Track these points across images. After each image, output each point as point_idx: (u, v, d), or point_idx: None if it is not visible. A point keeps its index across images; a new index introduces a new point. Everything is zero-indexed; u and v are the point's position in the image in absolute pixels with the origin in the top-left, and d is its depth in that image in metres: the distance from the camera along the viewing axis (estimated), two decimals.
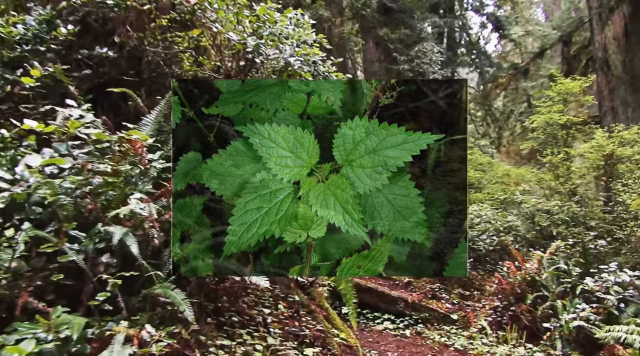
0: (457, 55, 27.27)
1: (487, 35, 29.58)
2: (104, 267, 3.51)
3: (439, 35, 25.04)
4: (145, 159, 4.07)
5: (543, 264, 8.22)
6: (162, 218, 3.90)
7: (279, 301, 5.87)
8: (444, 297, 9.04)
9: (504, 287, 8.31)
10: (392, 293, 9.10)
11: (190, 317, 3.24)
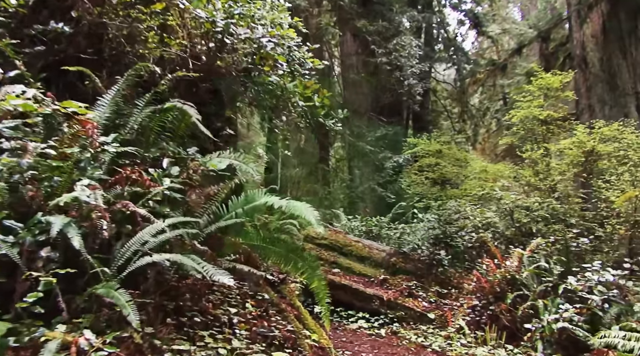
0: (435, 51, 27.15)
1: (465, 32, 29.43)
2: (43, 262, 3.07)
3: (417, 30, 24.78)
4: (97, 142, 3.63)
5: (523, 262, 7.94)
6: (113, 208, 3.47)
7: (247, 300, 5.46)
8: (420, 295, 8.72)
9: (483, 286, 8.02)
10: (367, 290, 8.76)
11: (134, 322, 2.82)
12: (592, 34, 16.35)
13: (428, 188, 14.81)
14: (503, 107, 26.13)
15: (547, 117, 11.62)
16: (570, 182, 10.41)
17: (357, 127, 19.47)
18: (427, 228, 9.75)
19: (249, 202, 4.72)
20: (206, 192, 4.92)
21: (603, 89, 15.68)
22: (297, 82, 6.04)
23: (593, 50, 16.26)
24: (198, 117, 4.45)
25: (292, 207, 4.24)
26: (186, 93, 6.63)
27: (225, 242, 4.31)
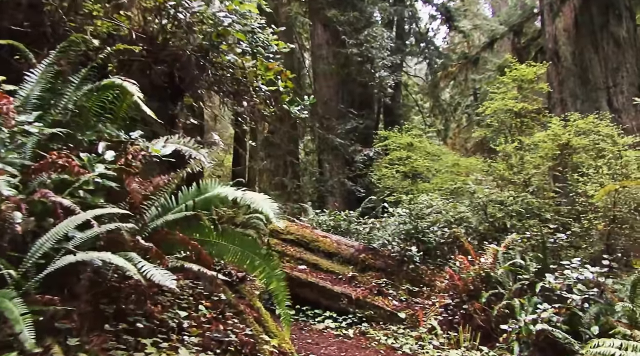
0: (406, 45, 26.95)
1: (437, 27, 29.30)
2: None
3: (388, 23, 24.51)
4: (12, 120, 3.08)
5: (498, 259, 7.58)
6: (32, 198, 2.93)
7: (201, 301, 4.94)
8: (390, 293, 8.29)
9: (456, 283, 7.63)
10: (334, 288, 8.31)
11: (27, 342, 2.27)
12: (564, 27, 16.16)
13: (399, 182, 14.45)
14: (474, 103, 26.14)
15: (521, 110, 11.32)
16: (544, 175, 10.10)
17: (327, 120, 19.01)
18: (398, 223, 9.32)
19: (201, 194, 4.21)
20: (155, 182, 4.39)
21: (575, 83, 15.51)
22: (258, 62, 5.51)
23: (565, 44, 16.07)
24: (139, 95, 3.92)
25: (248, 199, 3.75)
26: (139, 76, 6.07)
27: (174, 238, 3.79)
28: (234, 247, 4.09)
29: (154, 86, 6.23)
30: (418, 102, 30.68)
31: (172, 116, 6.30)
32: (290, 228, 9.36)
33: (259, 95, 5.88)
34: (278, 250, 9.02)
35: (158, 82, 6.19)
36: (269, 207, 3.70)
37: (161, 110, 6.30)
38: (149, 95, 6.19)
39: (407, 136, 15.30)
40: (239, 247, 4.08)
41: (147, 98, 6.16)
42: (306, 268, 8.70)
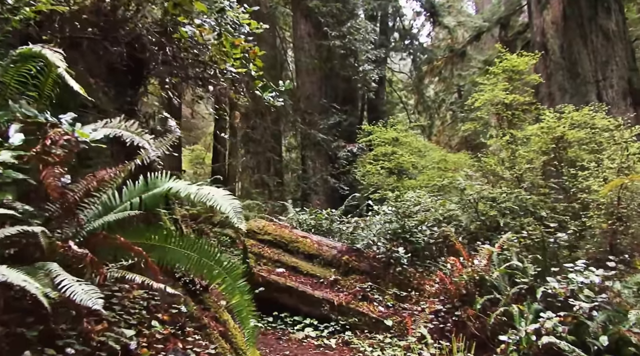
0: (390, 40, 26.56)
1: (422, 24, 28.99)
2: None
3: (372, 18, 23.98)
4: None
5: (493, 260, 6.96)
6: None
7: (158, 314, 4.23)
8: (376, 299, 7.63)
9: (448, 288, 7.01)
10: (315, 293, 7.65)
11: None
12: (552, 20, 15.73)
13: (384, 179, 13.84)
14: (458, 100, 25.83)
15: (512, 101, 10.73)
16: (539, 171, 9.50)
17: (309, 115, 18.34)
18: (384, 222, 8.67)
19: (149, 189, 3.52)
20: (100, 175, 3.70)
21: (564, 77, 15.11)
22: (223, 39, 4.80)
23: (553, 37, 15.65)
24: (64, 66, 3.20)
25: (203, 195, 3.08)
26: (92, 58, 5.36)
27: (114, 242, 3.11)
28: (189, 253, 3.40)
29: (110, 70, 5.51)
30: (402, 99, 30.24)
31: (131, 103, 5.58)
32: (267, 228, 8.69)
33: (226, 78, 5.18)
34: (255, 251, 8.35)
35: (115, 66, 5.47)
36: (229, 205, 3.03)
37: (119, 96, 5.60)
38: (104, 80, 5.50)
39: (392, 131, 14.69)
40: (195, 254, 3.39)
41: (103, 83, 5.46)
42: (285, 272, 8.04)
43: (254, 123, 17.27)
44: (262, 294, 7.81)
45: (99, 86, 5.16)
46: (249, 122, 17.37)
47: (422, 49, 27.12)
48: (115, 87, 5.40)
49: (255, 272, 7.94)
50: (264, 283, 7.83)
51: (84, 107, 4.82)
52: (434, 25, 28.14)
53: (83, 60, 5.07)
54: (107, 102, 5.15)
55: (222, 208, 3.02)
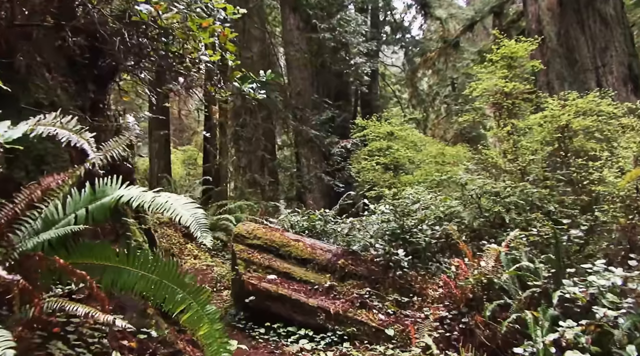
0: (382, 34, 26.21)
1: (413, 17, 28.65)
2: None
3: (362, 11, 23.50)
4: None
5: (501, 261, 6.39)
6: None
7: (123, 341, 3.64)
8: (375, 306, 7.03)
9: (453, 292, 6.44)
10: (309, 301, 7.07)
11: None
12: (547, 6, 15.27)
13: (380, 175, 13.28)
14: (452, 93, 25.51)
15: (512, 89, 10.17)
16: (544, 162, 8.94)
17: (301, 111, 17.77)
18: (381, 222, 8.09)
19: (97, 198, 2.96)
20: (46, 183, 3.12)
21: (561, 65, 14.65)
22: (189, 21, 4.19)
23: (549, 23, 15.18)
24: None
25: (160, 204, 2.53)
26: (49, 50, 4.77)
27: (52, 265, 2.54)
28: (147, 274, 2.83)
29: (71, 63, 4.93)
30: (396, 93, 29.83)
31: (96, 101, 4.99)
32: (257, 232, 8.09)
33: (198, 68, 4.60)
34: (244, 257, 7.77)
35: (76, 59, 4.88)
36: (191, 215, 2.49)
37: (82, 93, 5.02)
38: (64, 75, 4.91)
39: (386, 125, 14.12)
40: (154, 275, 2.81)
41: (62, 78, 4.87)
42: (276, 278, 7.46)
43: (244, 121, 16.67)
44: (253, 303, 7.29)
45: (57, 81, 4.58)
46: (238, 119, 16.79)
47: (414, 41, 26.78)
48: (76, 82, 4.82)
49: (245, 280, 7.37)
50: (254, 291, 7.27)
51: (38, 105, 4.25)
52: (425, 17, 27.86)
53: (38, 53, 4.49)
54: (66, 99, 4.57)
55: (182, 219, 2.48)
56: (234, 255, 7.90)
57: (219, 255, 12.01)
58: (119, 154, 3.33)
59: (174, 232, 12.56)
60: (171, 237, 12.16)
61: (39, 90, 4.28)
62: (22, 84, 4.10)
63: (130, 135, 3.52)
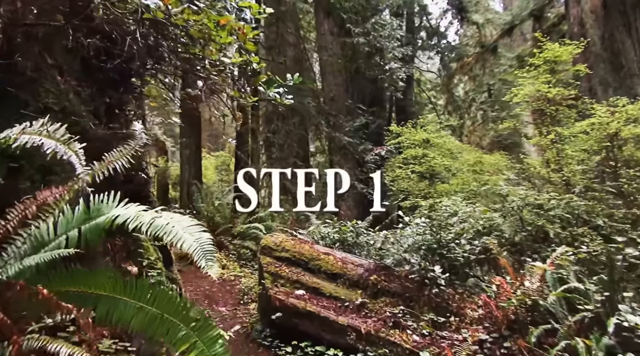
0: (417, 39, 25.85)
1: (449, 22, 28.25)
2: None
3: (397, 15, 23.08)
4: None
5: (547, 280, 5.89)
6: None
7: None
8: (409, 326, 6.58)
9: (494, 313, 5.98)
10: (339, 319, 6.66)
11: None
12: (591, 9, 14.65)
13: (415, 184, 12.78)
14: (488, 99, 24.98)
15: (556, 95, 9.62)
16: (592, 173, 8.38)
17: (334, 117, 17.39)
18: (416, 235, 7.64)
19: (91, 218, 2.60)
20: (42, 197, 2.80)
21: (605, 70, 14.04)
22: (203, 16, 3.81)
23: (593, 26, 14.56)
24: None
25: (160, 226, 2.18)
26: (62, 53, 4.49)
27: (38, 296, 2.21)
28: (145, 306, 2.47)
29: (85, 66, 4.64)
30: (431, 99, 29.35)
31: (112, 106, 4.69)
32: (285, 244, 7.74)
33: (219, 69, 4.25)
34: (271, 271, 7.41)
35: (91, 61, 4.59)
36: (194, 240, 2.15)
37: (97, 97, 4.73)
38: (77, 79, 4.63)
39: (422, 132, 13.63)
40: (154, 308, 2.45)
41: (76, 82, 4.59)
42: (305, 294, 7.08)
43: (275, 127, 16.38)
44: (279, 320, 6.92)
45: (70, 85, 4.29)
46: (270, 125, 16.51)
47: (450, 47, 26.33)
48: (91, 86, 4.53)
49: (272, 295, 7.02)
50: (281, 307, 6.90)
51: (47, 110, 3.96)
52: (461, 22, 27.45)
53: (48, 54, 4.21)
54: (79, 104, 4.27)
55: (184, 245, 2.14)
56: (261, 268, 7.56)
57: (248, 265, 11.69)
58: (123, 166, 3.00)
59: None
60: None
61: (49, 95, 3.99)
62: (30, 88, 3.81)
63: (136, 144, 3.19)
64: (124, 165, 3.09)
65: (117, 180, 3.81)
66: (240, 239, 13.02)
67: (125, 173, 3.75)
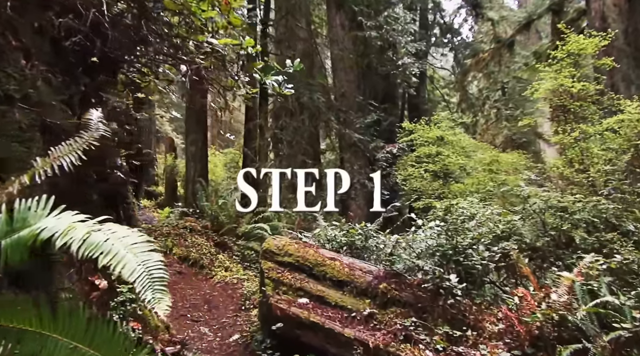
0: (431, 35, 25.42)
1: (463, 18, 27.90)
2: None
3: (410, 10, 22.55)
4: None
5: (575, 292, 5.31)
6: None
7: None
8: (422, 340, 5.98)
9: (516, 328, 5.40)
10: (345, 331, 6.09)
11: None
12: (614, 2, 14.11)
13: (428, 184, 12.22)
14: (502, 97, 24.57)
15: (580, 90, 9.02)
16: (621, 173, 7.76)
17: (345, 113, 16.83)
18: (430, 239, 7.06)
19: (14, 230, 2.05)
20: None
21: (629, 66, 13.46)
22: None
23: (615, 21, 13.96)
24: None
25: (95, 244, 1.62)
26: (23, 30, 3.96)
27: None
28: (79, 347, 1.92)
29: (58, 50, 4.11)
30: (445, 97, 28.86)
31: (88, 94, 4.16)
32: (288, 248, 7.19)
33: (206, 53, 3.71)
34: (272, 277, 6.86)
35: (64, 44, 4.06)
36: (138, 263, 1.56)
37: (70, 85, 4.20)
38: (48, 63, 4.11)
39: (436, 129, 13.06)
40: (90, 349, 1.91)
41: (45, 67, 4.06)
42: (308, 303, 6.53)
43: (283, 123, 15.85)
44: (280, 331, 6.35)
45: (37, 71, 3.76)
46: (278, 121, 15.99)
47: (464, 43, 25.88)
48: (64, 72, 4.00)
49: (273, 303, 6.47)
50: (283, 317, 6.35)
51: (7, 98, 3.43)
52: (476, 18, 27.04)
53: (12, 35, 3.68)
54: (48, 93, 3.75)
55: (124, 270, 1.62)
56: (262, 274, 7.02)
57: (252, 268, 11.15)
58: (69, 163, 2.46)
59: (205, 241, 11.79)
60: (202, 247, 11.39)
61: (10, 81, 3.46)
62: None
63: (90, 137, 2.66)
64: (72, 162, 2.56)
65: (89, 180, 3.29)
66: (245, 239, 12.51)
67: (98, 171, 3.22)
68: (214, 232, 12.55)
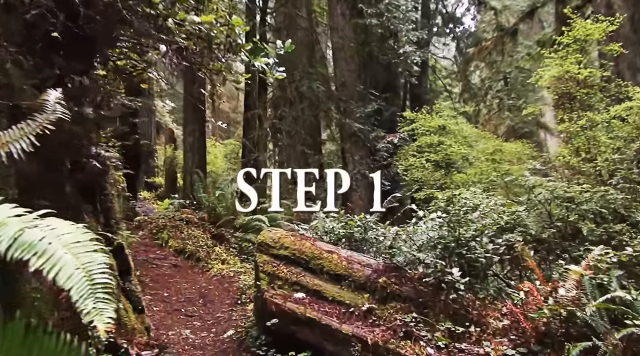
0: (432, 25, 25.14)
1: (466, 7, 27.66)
2: None
3: None
4: None
5: (584, 287, 5.05)
6: None
7: None
8: (423, 336, 5.72)
9: (521, 324, 5.15)
10: (343, 327, 5.84)
11: None
12: None
13: (430, 174, 11.96)
14: (504, 87, 24.37)
15: (587, 77, 8.73)
16: (630, 163, 7.48)
17: (345, 102, 16.54)
18: (431, 231, 6.79)
19: None
20: None
21: (635, 53, 13.23)
22: None
23: (621, 7, 13.73)
24: None
25: (27, 244, 1.35)
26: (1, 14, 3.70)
27: None
28: None
29: (29, 28, 3.84)
30: (447, 87, 28.60)
31: (59, 79, 3.87)
32: (284, 241, 6.93)
33: (186, 30, 3.44)
34: (268, 270, 6.61)
35: (38, 24, 3.79)
36: (76, 267, 1.30)
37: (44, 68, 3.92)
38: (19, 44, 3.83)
39: (438, 118, 12.78)
40: None
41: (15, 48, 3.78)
42: (305, 297, 6.28)
43: (282, 113, 15.56)
44: (276, 327, 6.10)
45: (6, 52, 3.49)
46: (277, 111, 15.71)
47: (467, 32, 25.62)
48: (37, 55, 3.72)
49: (268, 298, 6.22)
50: (278, 312, 6.10)
51: None
52: (479, 7, 26.75)
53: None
54: (18, 76, 3.47)
55: (60, 275, 1.34)
56: (257, 268, 6.78)
57: (249, 260, 10.91)
58: (22, 148, 2.20)
59: (202, 233, 11.55)
60: (198, 239, 11.14)
61: None
62: None
63: (45, 119, 2.39)
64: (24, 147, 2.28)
65: (62, 169, 3.02)
66: (242, 231, 12.27)
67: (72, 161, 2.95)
68: (211, 223, 12.32)
